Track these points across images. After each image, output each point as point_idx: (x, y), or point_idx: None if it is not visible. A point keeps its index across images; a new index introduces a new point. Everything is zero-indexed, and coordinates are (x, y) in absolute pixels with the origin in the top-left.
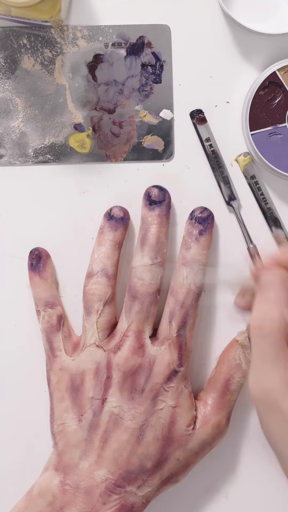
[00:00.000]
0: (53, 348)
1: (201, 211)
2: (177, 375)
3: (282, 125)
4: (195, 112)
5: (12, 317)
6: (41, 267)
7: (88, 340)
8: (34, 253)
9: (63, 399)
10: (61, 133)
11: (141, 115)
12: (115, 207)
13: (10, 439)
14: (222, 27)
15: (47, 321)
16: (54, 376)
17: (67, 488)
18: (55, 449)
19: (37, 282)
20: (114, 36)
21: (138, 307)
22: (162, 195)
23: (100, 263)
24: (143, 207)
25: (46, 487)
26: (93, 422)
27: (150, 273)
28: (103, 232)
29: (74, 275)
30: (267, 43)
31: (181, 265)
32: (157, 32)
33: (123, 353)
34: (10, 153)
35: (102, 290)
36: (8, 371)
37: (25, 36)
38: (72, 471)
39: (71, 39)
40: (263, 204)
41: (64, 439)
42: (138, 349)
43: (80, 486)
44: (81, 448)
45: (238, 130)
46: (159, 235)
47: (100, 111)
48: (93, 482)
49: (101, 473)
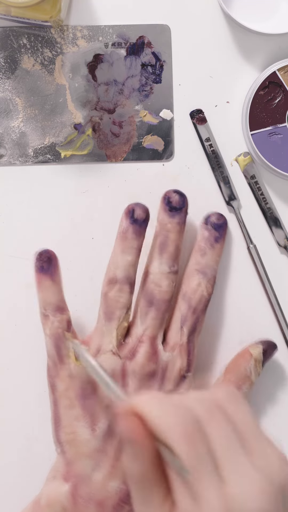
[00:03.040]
0: (61, 355)
1: (217, 218)
2: (185, 381)
3: (282, 125)
4: (195, 112)
5: (12, 317)
6: (52, 270)
7: (105, 346)
8: (45, 255)
9: (73, 407)
10: (61, 133)
11: (141, 115)
12: (137, 206)
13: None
14: (222, 27)
15: (57, 327)
16: (61, 383)
17: (79, 500)
18: (62, 458)
19: (48, 285)
20: (114, 36)
21: (154, 314)
22: (182, 201)
23: (124, 271)
24: (161, 211)
25: (56, 498)
26: (108, 432)
27: (167, 281)
28: (126, 238)
29: (74, 275)
30: (267, 43)
31: (195, 270)
32: (157, 32)
33: (139, 359)
34: (10, 153)
35: (127, 297)
36: (8, 371)
37: (25, 36)
38: (84, 482)
39: (71, 39)
40: (263, 204)
41: (75, 448)
42: (152, 356)
43: (93, 498)
44: (94, 459)
45: (238, 130)
46: (178, 243)
47: (100, 111)
48: (106, 494)
49: (115, 484)
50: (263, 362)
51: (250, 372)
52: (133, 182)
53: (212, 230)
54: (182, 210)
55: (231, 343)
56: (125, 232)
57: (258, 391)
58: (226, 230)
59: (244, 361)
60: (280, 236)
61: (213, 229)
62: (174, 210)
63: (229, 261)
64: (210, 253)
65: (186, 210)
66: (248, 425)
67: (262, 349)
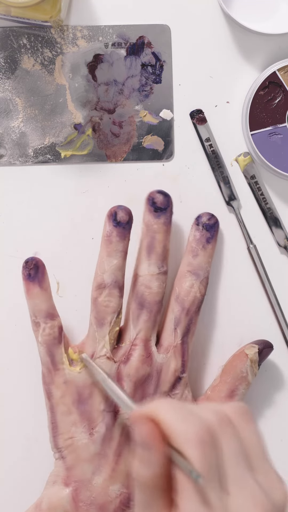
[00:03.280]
0: (54, 362)
1: (208, 218)
2: (180, 382)
3: (282, 125)
4: (195, 112)
5: (12, 317)
6: (40, 277)
7: (99, 352)
8: (32, 263)
9: (70, 413)
10: (61, 133)
11: (141, 115)
12: (119, 209)
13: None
14: (222, 27)
15: (48, 334)
16: (56, 390)
17: (80, 505)
18: (62, 463)
19: (37, 293)
20: (114, 36)
21: (146, 316)
22: (166, 201)
23: (112, 275)
24: (146, 212)
25: (58, 502)
26: (106, 435)
27: (157, 282)
28: (111, 242)
29: (74, 275)
30: (267, 43)
31: (187, 272)
32: (157, 32)
33: (133, 363)
34: (10, 153)
35: (116, 302)
36: (8, 371)
37: (25, 36)
38: (84, 486)
39: (71, 39)
40: (263, 204)
41: (74, 453)
42: (146, 358)
43: (94, 502)
44: (94, 463)
45: (238, 130)
46: (165, 243)
47: (100, 111)
48: (107, 498)
49: (115, 487)
50: (259, 362)
51: (246, 373)
52: (133, 182)
53: (203, 231)
54: (167, 210)
55: (231, 343)
56: (109, 235)
57: (258, 392)
58: (217, 230)
59: (240, 362)
60: (280, 236)
61: (204, 229)
62: (159, 211)
63: (229, 261)
64: (202, 254)
65: (171, 210)
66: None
67: (258, 349)
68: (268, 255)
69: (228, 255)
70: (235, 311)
